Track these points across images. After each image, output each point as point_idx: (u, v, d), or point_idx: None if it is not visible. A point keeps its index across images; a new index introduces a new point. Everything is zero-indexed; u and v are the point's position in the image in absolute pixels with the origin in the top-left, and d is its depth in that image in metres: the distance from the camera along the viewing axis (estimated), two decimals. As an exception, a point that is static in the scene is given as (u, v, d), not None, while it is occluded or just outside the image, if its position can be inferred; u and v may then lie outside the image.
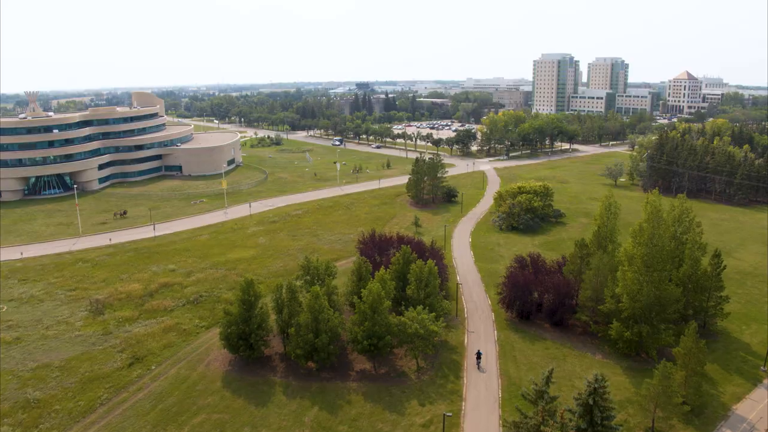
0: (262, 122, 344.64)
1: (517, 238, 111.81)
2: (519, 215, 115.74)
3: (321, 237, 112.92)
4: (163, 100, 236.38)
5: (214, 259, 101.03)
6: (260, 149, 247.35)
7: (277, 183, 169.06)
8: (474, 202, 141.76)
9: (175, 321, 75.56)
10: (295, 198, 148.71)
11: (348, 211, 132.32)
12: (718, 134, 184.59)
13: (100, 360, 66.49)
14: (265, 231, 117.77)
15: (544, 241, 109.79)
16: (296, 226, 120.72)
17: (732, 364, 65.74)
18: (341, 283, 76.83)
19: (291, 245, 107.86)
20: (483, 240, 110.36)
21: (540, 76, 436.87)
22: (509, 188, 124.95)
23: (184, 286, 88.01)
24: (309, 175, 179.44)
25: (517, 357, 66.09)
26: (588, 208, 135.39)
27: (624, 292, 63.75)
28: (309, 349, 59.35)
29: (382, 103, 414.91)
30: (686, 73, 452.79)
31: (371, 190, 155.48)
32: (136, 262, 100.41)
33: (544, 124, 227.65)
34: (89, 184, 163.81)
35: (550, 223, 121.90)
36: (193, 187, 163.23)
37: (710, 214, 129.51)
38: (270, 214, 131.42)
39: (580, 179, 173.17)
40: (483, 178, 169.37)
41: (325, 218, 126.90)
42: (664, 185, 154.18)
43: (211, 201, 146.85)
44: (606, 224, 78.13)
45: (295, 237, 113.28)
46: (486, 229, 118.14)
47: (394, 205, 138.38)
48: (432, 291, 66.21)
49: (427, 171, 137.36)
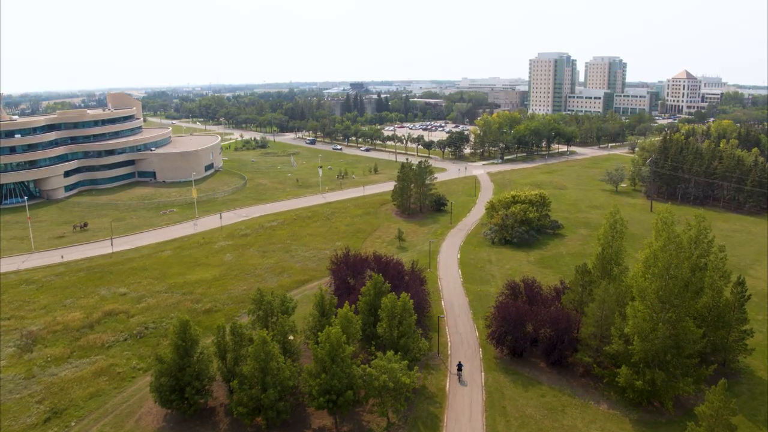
0: (250, 124, 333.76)
1: (510, 253, 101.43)
2: (512, 227, 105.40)
3: (294, 253, 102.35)
4: (140, 102, 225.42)
5: (171, 280, 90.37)
6: (244, 152, 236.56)
7: (255, 190, 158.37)
8: (465, 211, 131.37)
9: (109, 362, 64.88)
10: (273, 207, 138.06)
11: (327, 223, 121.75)
12: (723, 136, 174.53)
13: (12, 413, 55.80)
14: (234, 246, 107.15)
15: (541, 257, 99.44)
16: (269, 240, 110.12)
17: (761, 413, 55.48)
18: (302, 316, 66.33)
19: (260, 263, 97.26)
20: (473, 256, 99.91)
21: (536, 76, 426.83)
22: (502, 197, 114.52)
23: (131, 315, 77.35)
24: (291, 181, 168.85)
25: (507, 408, 55.62)
26: (588, 218, 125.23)
27: (634, 332, 53.41)
28: (254, 405, 48.86)
29: (375, 103, 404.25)
30: (685, 72, 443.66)
31: (355, 197, 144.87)
32: (85, 284, 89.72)
33: (540, 125, 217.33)
34: (54, 192, 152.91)
35: (547, 236, 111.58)
36: (165, 195, 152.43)
37: (720, 225, 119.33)
38: (242, 226, 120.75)
39: (579, 184, 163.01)
40: (475, 184, 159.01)
41: (301, 231, 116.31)
42: (668, 191, 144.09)
43: (182, 211, 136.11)
44: (611, 245, 67.78)
45: (266, 253, 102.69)
46: (477, 242, 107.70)
47: (378, 216, 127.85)
48: (406, 330, 55.76)
49: (414, 178, 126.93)
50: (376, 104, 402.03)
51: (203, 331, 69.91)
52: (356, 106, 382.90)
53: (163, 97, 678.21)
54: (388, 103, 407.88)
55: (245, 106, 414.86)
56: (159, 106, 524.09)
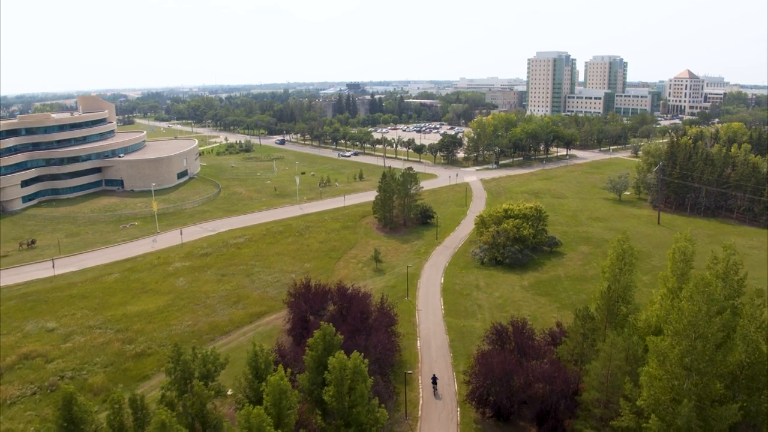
0: (238, 126, 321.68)
1: (501, 276, 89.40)
2: (504, 246, 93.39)
3: (256, 277, 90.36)
4: (113, 105, 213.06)
5: (109, 312, 78.41)
6: (226, 157, 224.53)
7: (228, 200, 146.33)
8: (454, 225, 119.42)
9: (4, 426, 52.92)
10: (244, 220, 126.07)
11: (299, 239, 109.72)
12: (734, 140, 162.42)
13: None
14: (190, 268, 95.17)
15: (536, 281, 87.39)
16: (230, 261, 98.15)
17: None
18: (235, 376, 54.13)
19: (214, 290, 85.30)
20: (458, 280, 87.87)
21: (535, 76, 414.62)
22: (493, 212, 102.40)
23: (50, 359, 65.37)
24: (269, 190, 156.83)
25: (489, 499, 43.72)
26: (589, 232, 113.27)
27: (650, 406, 41.45)
28: None
29: (368, 104, 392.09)
30: (687, 71, 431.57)
31: (334, 209, 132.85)
32: (12, 317, 77.80)
33: (537, 128, 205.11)
34: (10, 204, 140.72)
35: (544, 254, 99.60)
36: (130, 207, 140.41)
37: (735, 240, 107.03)
38: (205, 242, 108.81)
39: (579, 192, 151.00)
40: (467, 193, 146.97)
41: (268, 249, 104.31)
42: (676, 201, 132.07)
43: (145, 225, 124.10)
44: (618, 279, 55.84)
45: (224, 277, 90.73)
46: (464, 263, 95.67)
47: (357, 230, 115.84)
48: (358, 400, 43.78)
49: (397, 188, 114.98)
50: (369, 105, 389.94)
51: (126, 386, 58.04)
52: (348, 107, 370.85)
53: (156, 99, 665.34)
54: (382, 104, 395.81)
55: (235, 108, 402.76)
56: (149, 108, 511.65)
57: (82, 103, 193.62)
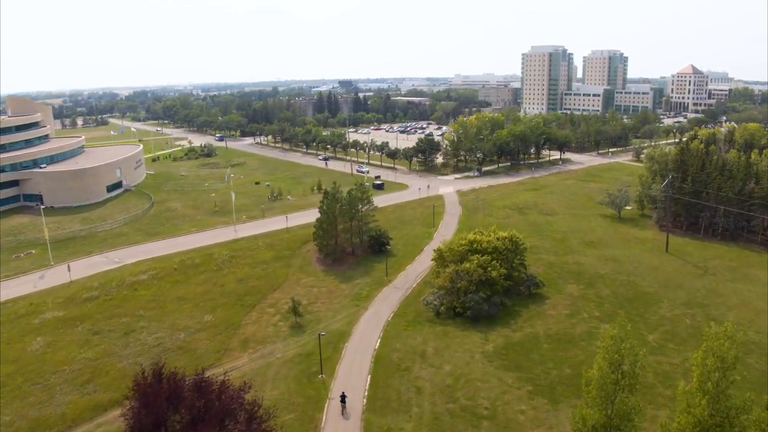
0: (209, 127, 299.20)
1: (458, 336, 67.08)
2: (466, 293, 71.19)
3: (134, 337, 68.23)
4: (50, 108, 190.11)
5: None
6: (183, 163, 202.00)
7: (157, 219, 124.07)
8: (414, 253, 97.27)
9: None
10: (161, 246, 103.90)
11: (214, 276, 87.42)
12: (751, 144, 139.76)
13: None
14: (60, 321, 73.12)
15: (504, 344, 65.08)
16: (115, 310, 76.04)
17: None
18: None
19: (72, 359, 63.26)
20: (400, 344, 65.55)
21: (529, 71, 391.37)
22: (455, 244, 79.72)
23: None
24: (210, 205, 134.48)
25: None
26: (580, 263, 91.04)
27: None
28: None
29: (352, 103, 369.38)
30: (691, 66, 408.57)
31: (274, 231, 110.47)
32: None
33: (527, 129, 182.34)
34: None
35: (520, 299, 77.19)
36: (39, 228, 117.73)
37: (763, 275, 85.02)
38: (97, 281, 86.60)
39: (572, 207, 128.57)
40: (438, 208, 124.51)
41: (171, 291, 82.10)
42: (688, 221, 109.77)
43: (43, 253, 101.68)
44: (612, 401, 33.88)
45: (95, 336, 68.67)
46: (413, 315, 73.27)
47: (293, 262, 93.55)
48: None
49: (341, 211, 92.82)
50: (353, 104, 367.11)
51: None
52: (330, 106, 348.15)
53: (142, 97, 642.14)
54: (367, 103, 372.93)
55: (212, 107, 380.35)
56: (127, 108, 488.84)
57: (11, 106, 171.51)
